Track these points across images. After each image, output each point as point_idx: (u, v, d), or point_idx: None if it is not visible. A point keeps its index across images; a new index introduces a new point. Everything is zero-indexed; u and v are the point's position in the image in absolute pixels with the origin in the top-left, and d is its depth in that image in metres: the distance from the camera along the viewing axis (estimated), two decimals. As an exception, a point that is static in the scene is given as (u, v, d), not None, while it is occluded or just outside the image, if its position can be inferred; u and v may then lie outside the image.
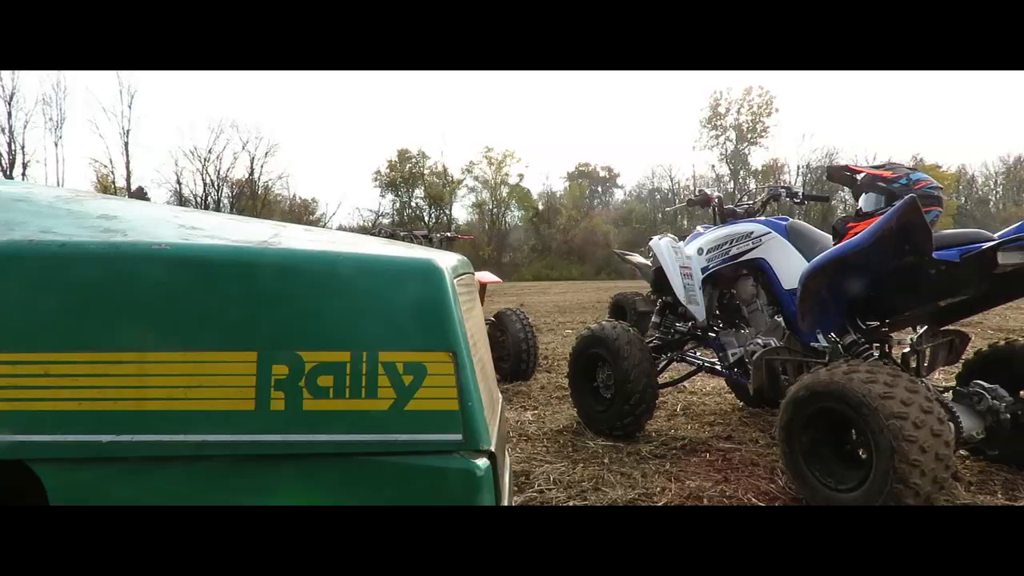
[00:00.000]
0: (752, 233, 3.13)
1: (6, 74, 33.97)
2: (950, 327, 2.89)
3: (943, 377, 4.12)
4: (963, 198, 46.18)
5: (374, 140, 76.99)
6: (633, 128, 73.84)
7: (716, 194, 3.45)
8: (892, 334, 2.89)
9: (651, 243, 3.59)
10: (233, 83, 64.00)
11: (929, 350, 2.88)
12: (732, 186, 45.63)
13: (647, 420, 3.37)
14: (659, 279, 3.50)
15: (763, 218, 3.24)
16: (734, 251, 3.20)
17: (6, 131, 34.21)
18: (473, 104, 70.58)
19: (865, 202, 2.72)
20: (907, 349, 2.87)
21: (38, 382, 0.68)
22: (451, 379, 0.73)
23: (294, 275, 0.74)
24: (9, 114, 34.30)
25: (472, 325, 0.94)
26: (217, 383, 0.70)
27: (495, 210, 46.79)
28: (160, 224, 0.78)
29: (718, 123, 46.00)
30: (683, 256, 3.37)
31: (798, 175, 43.90)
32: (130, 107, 44.03)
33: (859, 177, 2.75)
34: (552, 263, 41.45)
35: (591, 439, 3.36)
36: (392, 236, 5.48)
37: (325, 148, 67.63)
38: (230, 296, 0.73)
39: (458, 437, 0.74)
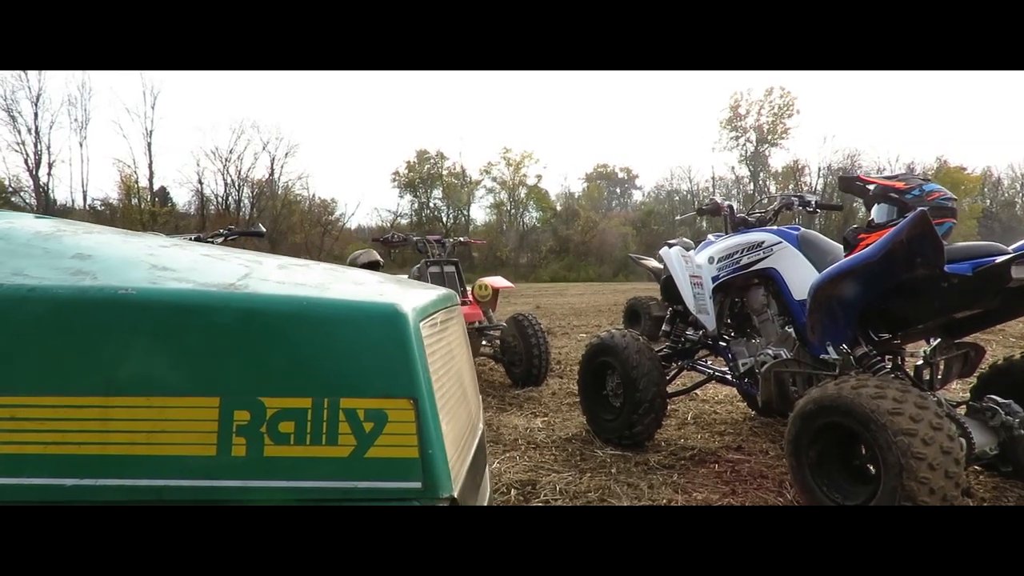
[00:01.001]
0: (763, 243, 3.11)
1: (33, 75, 34.61)
2: (965, 339, 2.85)
3: (961, 387, 4.06)
4: (988, 201, 45.45)
5: (393, 141, 77.44)
6: (652, 129, 73.62)
7: (727, 203, 3.43)
8: (905, 346, 2.85)
9: (661, 252, 3.58)
10: (254, 84, 64.60)
11: (943, 363, 2.83)
12: (752, 188, 45.29)
13: (656, 429, 3.35)
14: (669, 288, 3.48)
15: (775, 227, 3.21)
16: (745, 260, 3.17)
17: (32, 131, 34.89)
18: (492, 105, 70.72)
19: (877, 213, 2.68)
20: (920, 361, 2.83)
21: (4, 425, 0.69)
22: (411, 426, 0.73)
23: (256, 320, 0.74)
24: (35, 115, 34.99)
25: (448, 361, 0.94)
26: (180, 428, 0.71)
27: (513, 211, 46.83)
28: (132, 265, 0.79)
29: (738, 124, 45.69)
30: (693, 265, 3.34)
31: (819, 177, 43.49)
32: (153, 108, 44.67)
33: (871, 188, 2.71)
34: (570, 264, 41.37)
35: (600, 448, 3.35)
36: (405, 240, 5.50)
37: (344, 149, 68.13)
38: (194, 341, 0.74)
39: (417, 485, 0.74)
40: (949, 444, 2.08)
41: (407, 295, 0.82)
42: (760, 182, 45.93)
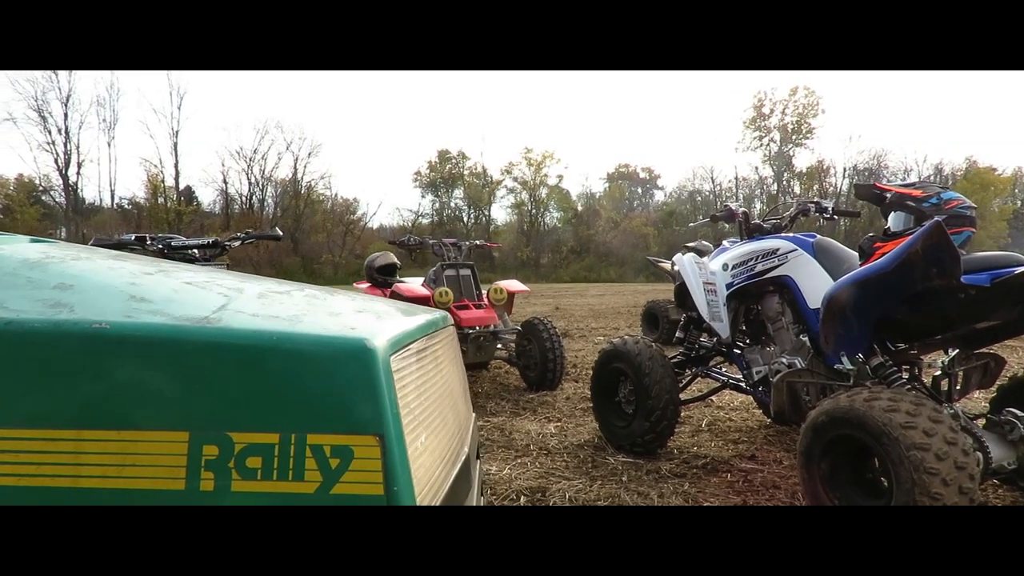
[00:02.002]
0: (778, 250, 3.07)
1: (63, 76, 35.31)
2: (985, 350, 2.79)
3: (984, 397, 3.98)
4: (1020, 202, 44.53)
5: (415, 141, 77.82)
6: (674, 129, 73.14)
7: (741, 209, 3.39)
8: (922, 356, 2.80)
9: (674, 258, 3.55)
10: (278, 84, 65.24)
11: (962, 374, 2.78)
12: (775, 188, 44.82)
13: (669, 437, 3.33)
14: (682, 295, 3.46)
15: (790, 234, 3.17)
16: (759, 268, 3.14)
17: (62, 131, 35.61)
18: (513, 105, 70.77)
19: (893, 221, 2.64)
20: (938, 372, 2.78)
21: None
22: (377, 463, 0.73)
23: (226, 355, 0.75)
24: (65, 115, 35.73)
25: (428, 389, 0.94)
26: (150, 462, 0.71)
27: (534, 211, 46.79)
28: (111, 296, 0.80)
29: (762, 124, 45.25)
30: (707, 272, 3.31)
31: (844, 178, 42.91)
32: (179, 108, 45.34)
33: (887, 195, 2.67)
34: (590, 265, 41.26)
35: (612, 455, 3.34)
36: (421, 243, 5.52)
37: (366, 149, 68.63)
38: (165, 375, 0.74)
39: None
40: (963, 459, 2.04)
41: (381, 327, 0.83)
42: (784, 183, 45.45)
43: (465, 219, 45.50)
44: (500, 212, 48.60)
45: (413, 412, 0.83)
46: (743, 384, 3.33)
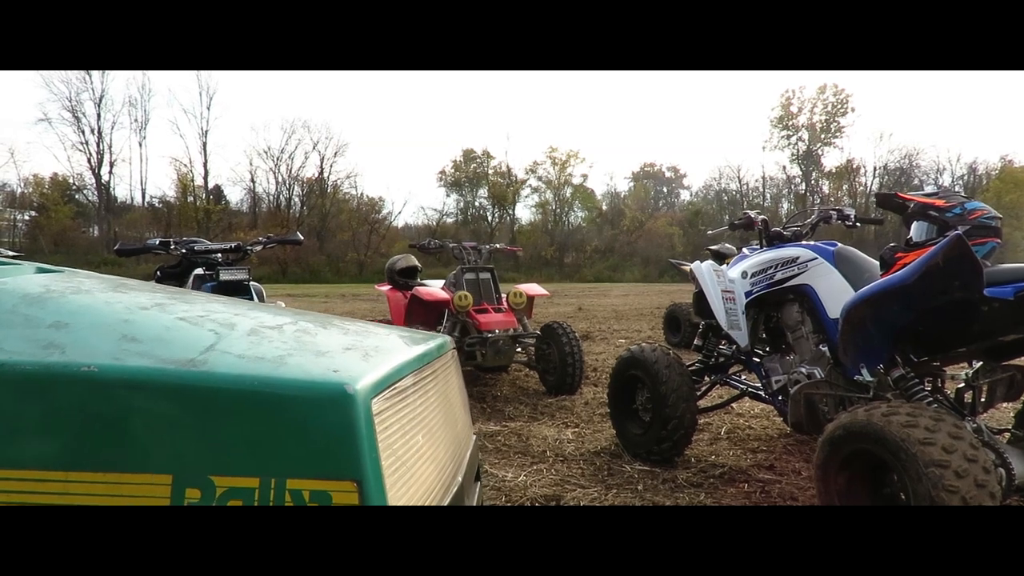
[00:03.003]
0: (798, 258, 3.03)
1: (96, 77, 36.07)
2: (1011, 362, 2.73)
3: (1013, 409, 3.89)
4: (1057, 202, 43.41)
5: (440, 140, 78.13)
6: (700, 128, 72.50)
7: (761, 217, 3.35)
8: (945, 368, 2.75)
9: (692, 266, 3.52)
10: (305, 84, 65.88)
11: (986, 386, 2.72)
12: (803, 188, 44.23)
13: (686, 446, 3.31)
14: (700, 303, 3.43)
15: (811, 242, 3.13)
16: (779, 276, 3.10)
17: (95, 131, 36.41)
18: (538, 104, 70.68)
19: (916, 231, 2.60)
20: (962, 384, 2.72)
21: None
22: None
23: (208, 400, 0.76)
24: (98, 115, 36.57)
25: (418, 424, 0.94)
26: (135, 504, 0.72)
27: (558, 210, 46.72)
28: (103, 335, 0.82)
29: (790, 123, 44.69)
30: (726, 280, 3.28)
31: (875, 177, 42.22)
32: (209, 108, 46.08)
33: (910, 205, 2.62)
34: (615, 264, 41.09)
35: (628, 463, 3.32)
36: (441, 247, 5.54)
37: (392, 148, 69.07)
38: (149, 419, 0.76)
39: None
40: (984, 476, 2.00)
41: (366, 368, 0.83)
42: (812, 182, 44.84)
43: (489, 218, 45.56)
44: (524, 211, 48.58)
45: (396, 453, 0.84)
46: (762, 393, 3.29)
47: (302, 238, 4.06)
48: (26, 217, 38.19)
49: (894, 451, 2.07)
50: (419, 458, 0.91)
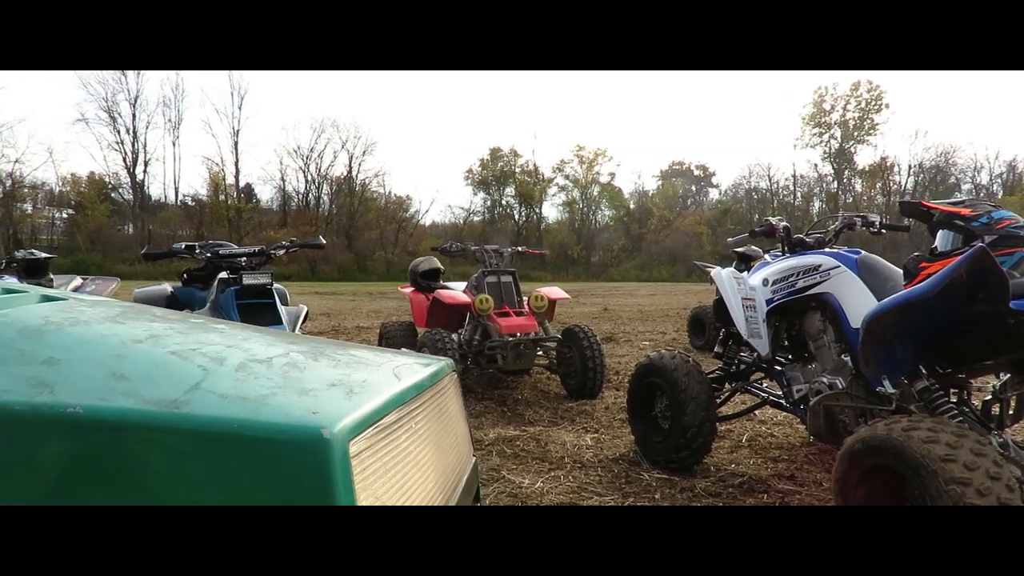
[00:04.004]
0: (820, 266, 2.98)
1: (131, 77, 36.83)
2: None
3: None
4: (1101, 201, 42.11)
5: (467, 139, 78.33)
6: (730, 125, 71.68)
7: (783, 223, 3.30)
8: (971, 380, 2.68)
9: (712, 274, 3.48)
10: (334, 83, 66.57)
11: (1014, 399, 2.66)
12: (836, 186, 43.49)
13: (705, 454, 3.28)
14: (720, 310, 3.39)
15: (834, 250, 3.08)
16: (800, 284, 3.05)
17: (130, 131, 37.22)
18: (566, 102, 70.43)
19: (941, 240, 2.53)
20: (988, 396, 2.66)
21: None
22: None
23: (187, 442, 0.77)
24: (133, 115, 37.36)
25: (404, 458, 0.94)
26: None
27: (585, 209, 46.56)
28: (93, 371, 0.84)
29: (822, 120, 43.94)
30: (746, 287, 3.24)
31: (909, 175, 41.36)
32: (240, 108, 46.74)
33: (935, 214, 2.56)
34: (642, 264, 40.85)
35: (646, 470, 3.31)
36: (463, 250, 5.56)
37: (419, 147, 69.43)
38: (131, 460, 0.76)
39: None
40: (1008, 496, 1.95)
41: (348, 407, 0.84)
42: (844, 180, 44.07)
43: (516, 217, 45.57)
44: (551, 210, 48.52)
45: (375, 493, 0.85)
46: (783, 401, 3.25)
47: (324, 242, 4.10)
48: (64, 215, 39.19)
49: (914, 467, 2.03)
50: (403, 493, 0.92)
